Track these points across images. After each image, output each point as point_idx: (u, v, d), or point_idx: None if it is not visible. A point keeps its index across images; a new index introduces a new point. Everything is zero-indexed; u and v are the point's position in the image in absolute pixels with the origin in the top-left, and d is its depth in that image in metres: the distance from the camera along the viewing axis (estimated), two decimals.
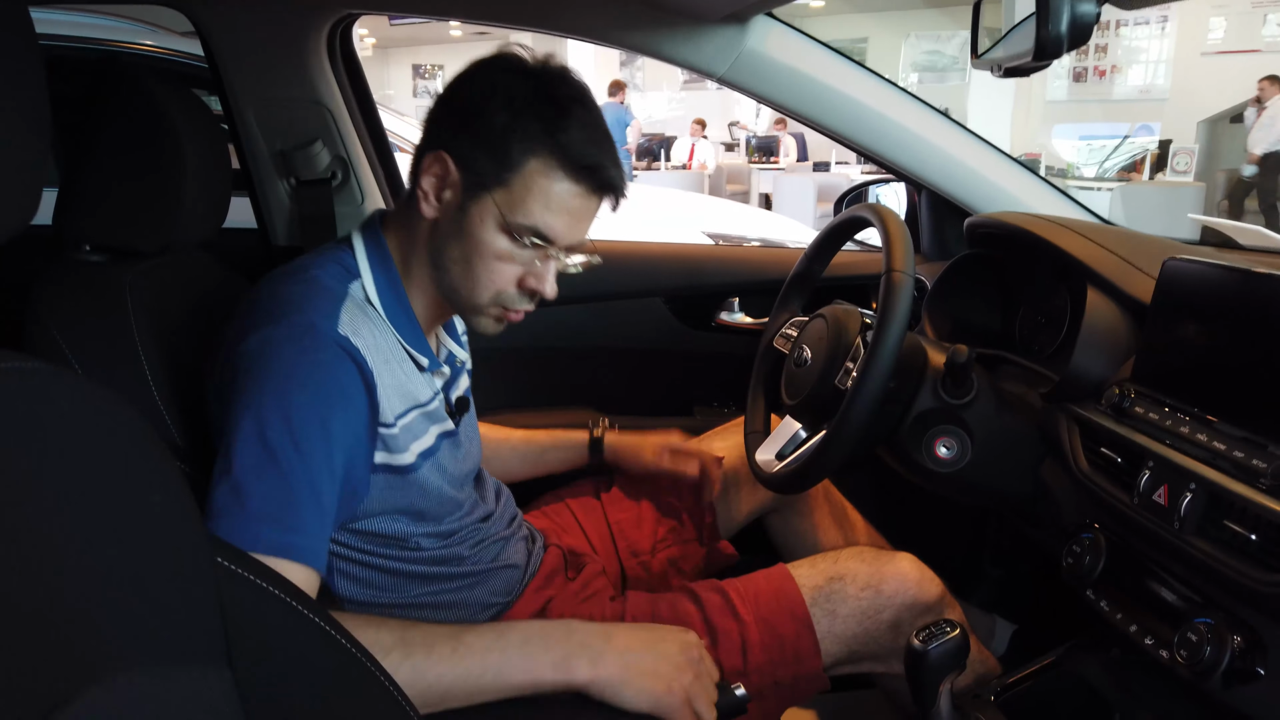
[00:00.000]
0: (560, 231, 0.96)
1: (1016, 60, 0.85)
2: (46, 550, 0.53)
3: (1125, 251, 1.14)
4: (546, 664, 0.88)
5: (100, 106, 1.02)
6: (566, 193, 0.95)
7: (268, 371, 0.88)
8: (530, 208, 0.94)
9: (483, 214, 0.95)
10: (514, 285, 0.99)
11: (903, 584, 1.12)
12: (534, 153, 0.93)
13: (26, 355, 0.55)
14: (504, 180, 0.94)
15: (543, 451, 1.41)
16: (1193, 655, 0.83)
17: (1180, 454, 0.89)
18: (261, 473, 0.84)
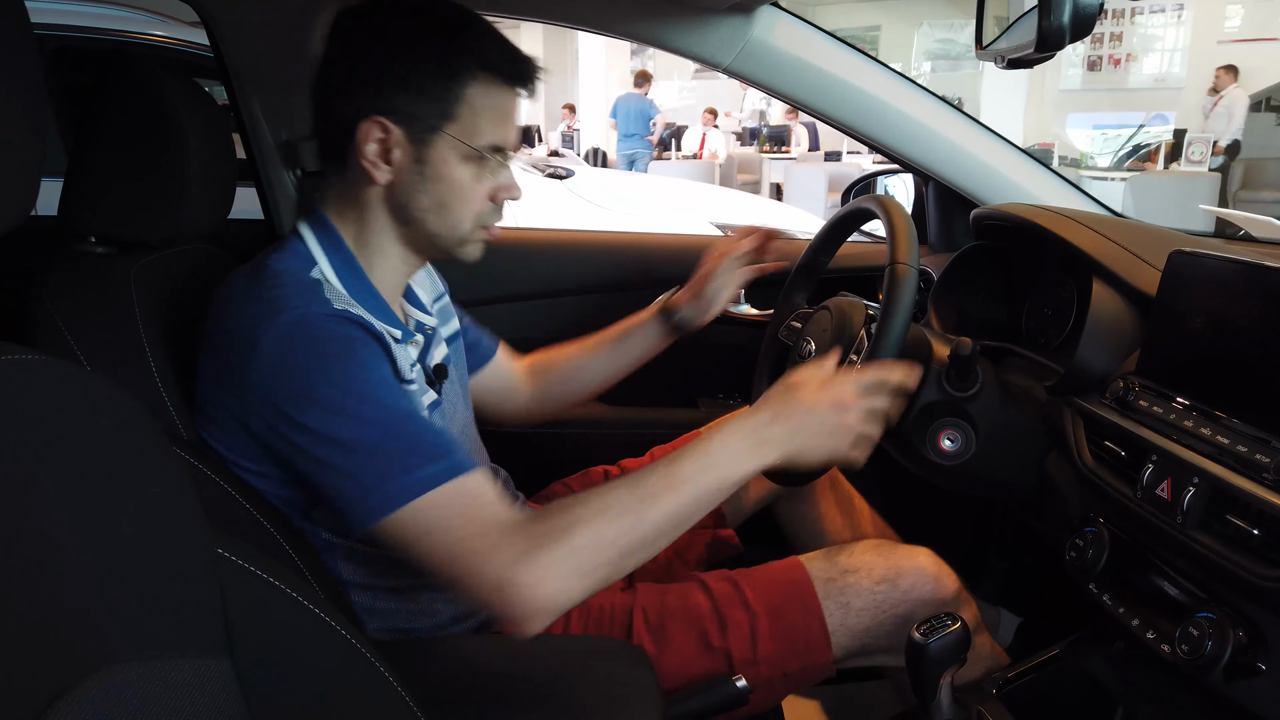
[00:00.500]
0: (508, 137, 1.01)
1: (1020, 52, 0.84)
2: (46, 541, 0.53)
3: (1131, 243, 1.13)
4: (748, 461, 0.94)
5: (105, 98, 1.02)
6: (505, 100, 0.99)
7: (304, 365, 0.88)
8: (483, 127, 0.98)
9: (444, 153, 0.97)
10: (488, 204, 1.02)
11: (919, 579, 1.11)
12: (471, 78, 0.96)
13: (28, 348, 0.55)
14: (452, 114, 0.96)
15: (617, 345, 1.39)
16: (1194, 650, 0.83)
17: (1184, 448, 0.89)
18: (375, 437, 0.87)
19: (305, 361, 0.89)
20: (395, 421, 0.88)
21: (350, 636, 0.70)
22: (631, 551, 0.89)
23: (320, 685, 0.69)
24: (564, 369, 1.39)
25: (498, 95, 0.98)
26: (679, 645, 1.07)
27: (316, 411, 0.87)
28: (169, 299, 1.04)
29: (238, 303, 0.94)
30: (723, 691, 0.96)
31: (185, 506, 0.63)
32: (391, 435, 0.87)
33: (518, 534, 0.86)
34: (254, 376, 0.89)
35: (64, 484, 0.55)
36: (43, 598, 0.52)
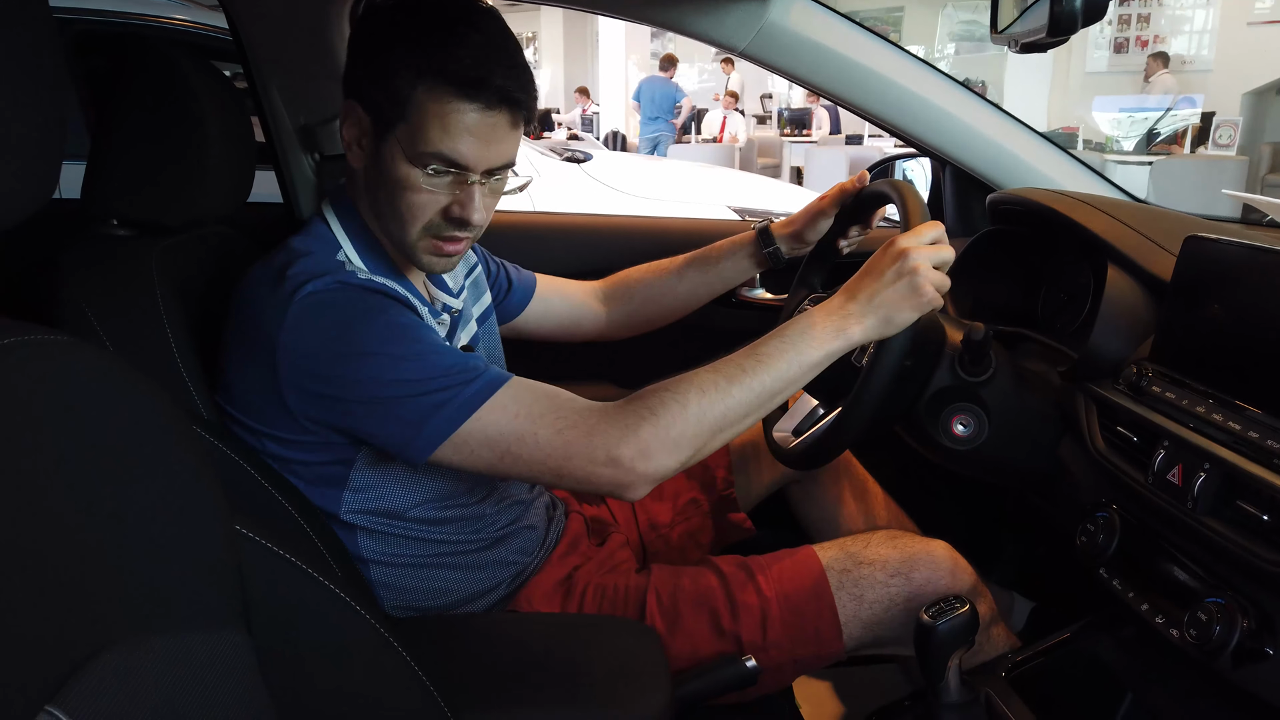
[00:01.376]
0: (469, 155, 0.96)
1: (1033, 36, 0.83)
2: (69, 516, 0.55)
3: (1147, 228, 1.12)
4: (830, 337, 0.98)
5: (125, 82, 1.04)
6: (459, 112, 0.94)
7: (336, 325, 0.92)
8: (430, 135, 0.95)
9: (392, 152, 0.97)
10: (440, 216, 1.00)
11: (934, 572, 1.11)
12: (420, 80, 0.93)
13: (49, 328, 0.57)
14: (402, 114, 0.95)
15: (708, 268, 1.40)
16: (1202, 634, 0.83)
17: (1196, 434, 0.89)
18: (420, 375, 0.90)
19: (339, 321, 0.92)
20: (435, 355, 0.92)
21: (366, 613, 0.71)
22: (720, 427, 0.94)
23: (336, 660, 0.70)
24: (649, 290, 1.41)
25: (450, 105, 0.94)
26: (690, 627, 1.08)
27: (360, 362, 0.91)
28: (190, 281, 1.05)
29: (263, 285, 0.96)
30: (732, 671, 0.97)
31: (205, 484, 0.65)
32: (435, 365, 0.91)
33: (613, 414, 0.92)
34: (285, 353, 0.92)
35: (86, 461, 0.57)
36: (65, 571, 0.53)
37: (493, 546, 1.12)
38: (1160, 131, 7.67)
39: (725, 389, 0.94)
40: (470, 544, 1.10)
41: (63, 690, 0.49)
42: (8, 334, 0.54)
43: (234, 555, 0.66)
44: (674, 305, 1.41)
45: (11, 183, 0.52)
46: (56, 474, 0.55)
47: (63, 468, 0.55)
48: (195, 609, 0.62)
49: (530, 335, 1.42)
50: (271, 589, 0.68)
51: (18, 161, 0.52)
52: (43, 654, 0.51)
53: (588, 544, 1.24)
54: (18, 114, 0.51)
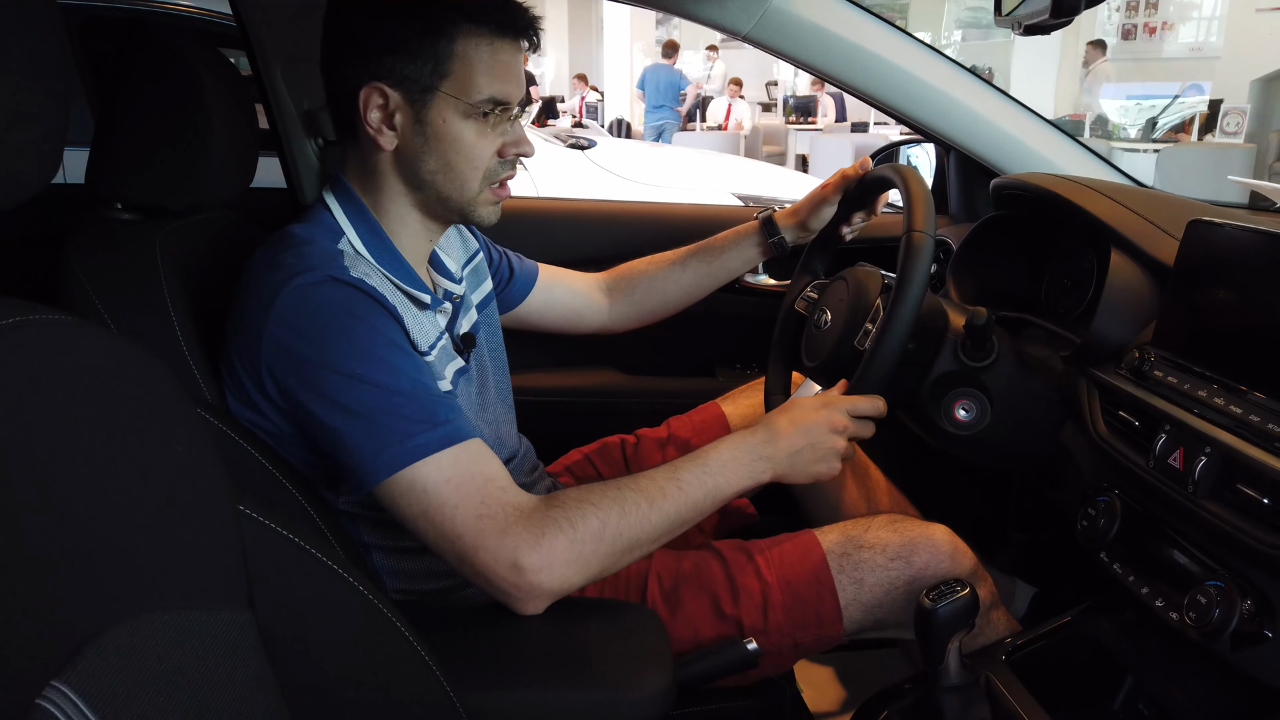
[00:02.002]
0: (510, 90, 1.00)
1: (1036, 18, 0.83)
2: (73, 496, 0.55)
3: (1151, 213, 1.12)
4: (745, 477, 1.02)
5: (129, 68, 1.04)
6: (500, 51, 0.99)
7: (314, 327, 0.91)
8: (479, 82, 0.98)
9: (442, 112, 0.98)
10: (495, 160, 1.03)
11: (934, 556, 1.10)
12: (461, 34, 0.96)
13: (54, 309, 0.57)
14: (445, 71, 0.97)
15: (712, 259, 1.42)
16: (1201, 617, 0.83)
17: (1197, 418, 0.89)
18: (377, 403, 0.89)
19: (317, 324, 0.91)
20: (401, 387, 0.90)
21: (369, 593, 0.72)
22: (630, 549, 0.95)
23: (339, 640, 0.71)
24: (652, 281, 1.42)
25: (489, 46, 0.98)
26: (691, 611, 1.08)
27: (325, 374, 0.90)
28: (194, 265, 1.06)
29: (260, 272, 0.96)
30: (733, 653, 0.97)
31: (208, 465, 0.65)
32: (396, 400, 0.89)
33: (532, 518, 0.90)
34: (268, 341, 0.92)
35: (90, 442, 0.57)
36: (69, 550, 0.54)
37: None
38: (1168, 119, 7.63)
39: (646, 512, 0.95)
40: None
41: (68, 667, 0.50)
42: (11, 313, 0.54)
43: (237, 534, 0.66)
44: (678, 297, 1.42)
45: (15, 162, 0.52)
46: (60, 453, 0.55)
47: (67, 447, 0.56)
48: (199, 587, 0.62)
49: (533, 325, 1.42)
50: (274, 568, 0.68)
51: (21, 140, 0.52)
52: (48, 631, 0.51)
53: None
54: (20, 92, 0.52)
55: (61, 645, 0.51)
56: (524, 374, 1.54)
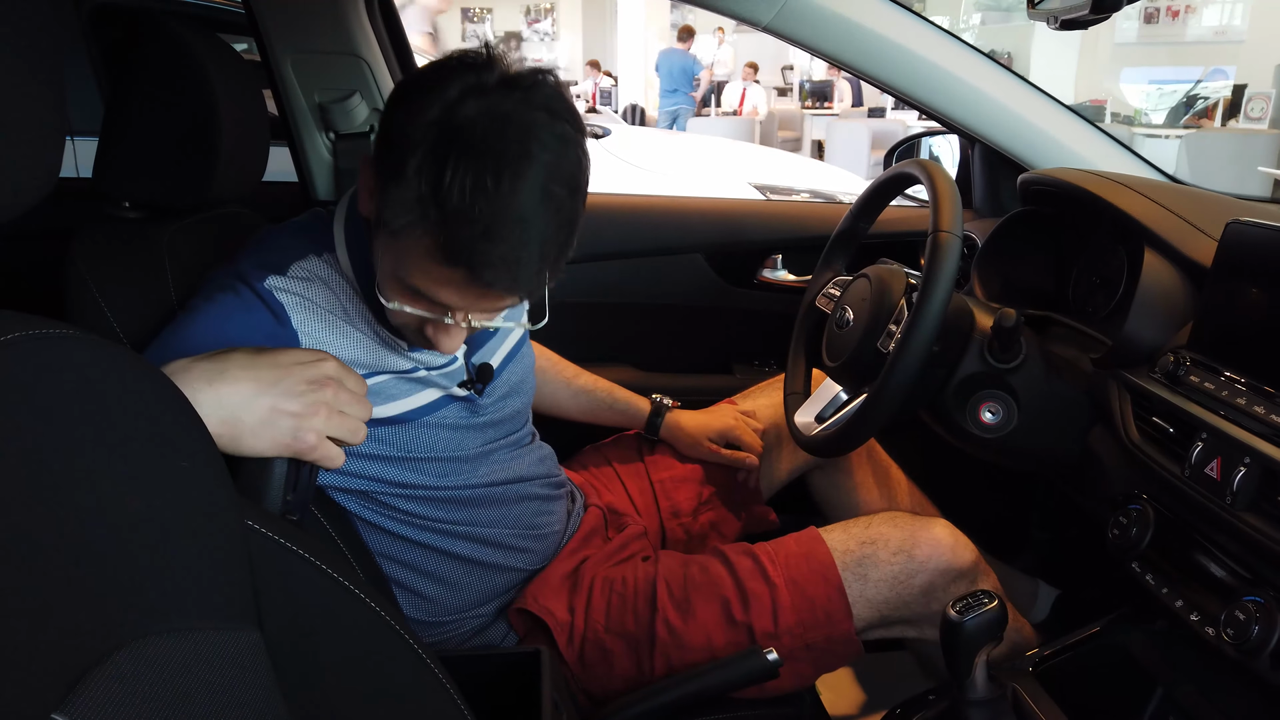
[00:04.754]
0: (453, 303, 0.86)
1: (1073, 12, 0.80)
2: (77, 515, 0.53)
3: (1187, 212, 1.09)
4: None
5: (137, 62, 1.02)
6: (447, 276, 0.82)
7: (190, 305, 0.91)
8: (413, 271, 0.84)
9: (381, 249, 0.87)
10: (415, 326, 0.91)
11: (936, 549, 1.10)
12: (416, 222, 0.81)
13: (53, 321, 0.55)
14: (393, 231, 0.83)
15: (602, 407, 1.41)
16: (1240, 634, 0.81)
17: (1235, 426, 0.86)
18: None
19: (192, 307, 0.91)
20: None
21: (380, 609, 0.70)
22: None
23: (349, 659, 0.69)
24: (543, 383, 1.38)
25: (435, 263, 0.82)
26: (703, 619, 1.07)
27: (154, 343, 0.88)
28: (202, 264, 1.04)
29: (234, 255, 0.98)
30: (753, 664, 0.96)
31: (214, 479, 0.63)
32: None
33: None
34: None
35: (91, 459, 0.55)
36: (71, 572, 0.52)
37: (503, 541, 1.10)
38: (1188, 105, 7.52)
39: None
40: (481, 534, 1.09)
41: (70, 697, 0.48)
42: (10, 328, 0.52)
43: (244, 550, 0.64)
44: (556, 410, 1.38)
45: (10, 175, 0.50)
46: (62, 471, 0.53)
47: (69, 464, 0.54)
48: (206, 607, 0.60)
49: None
50: (282, 585, 0.67)
51: (14, 151, 0.50)
52: (49, 660, 0.49)
53: (602, 537, 1.23)
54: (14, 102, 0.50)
55: (63, 674, 0.49)
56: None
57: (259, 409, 0.74)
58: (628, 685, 1.06)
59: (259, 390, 0.75)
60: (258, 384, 0.75)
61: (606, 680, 1.07)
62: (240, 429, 0.74)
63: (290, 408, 0.75)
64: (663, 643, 1.05)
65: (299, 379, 0.76)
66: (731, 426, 1.37)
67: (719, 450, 1.36)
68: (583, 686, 1.08)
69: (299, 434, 0.75)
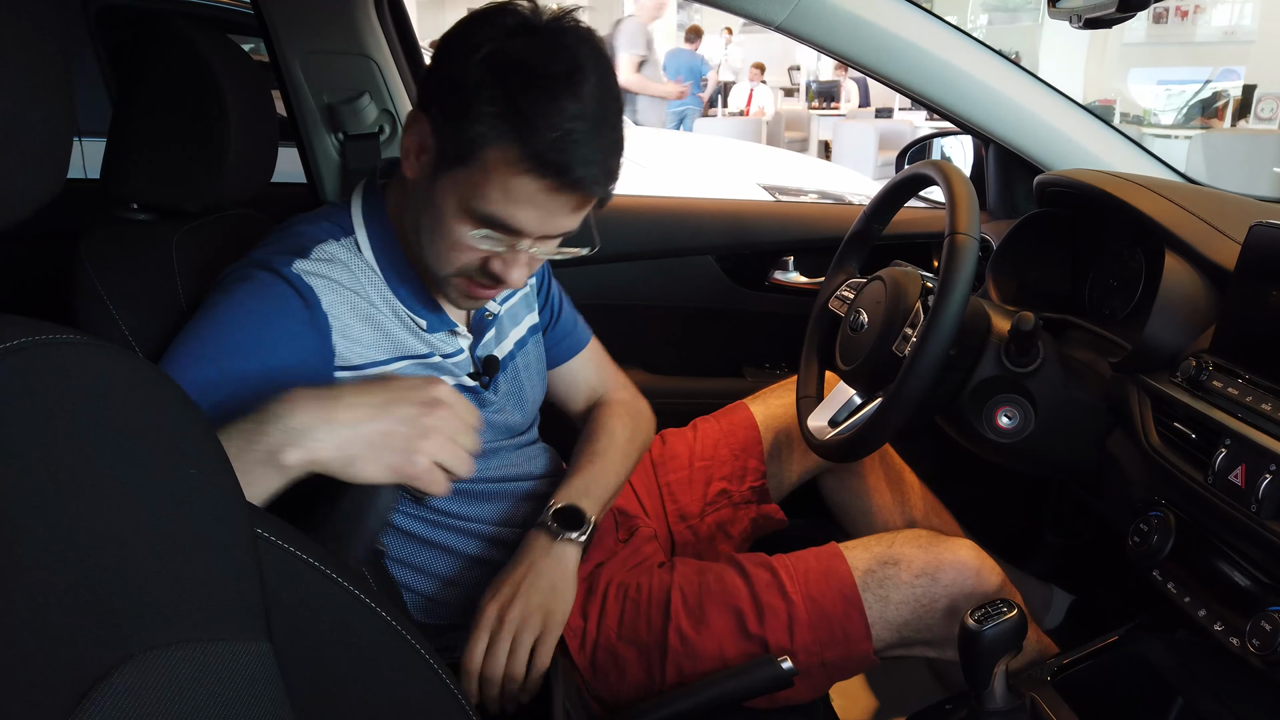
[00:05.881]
0: (526, 222, 0.89)
1: (1098, 11, 0.78)
2: (83, 524, 0.52)
3: (1208, 214, 1.07)
4: (256, 461, 0.75)
5: (145, 64, 1.01)
6: (529, 186, 0.86)
7: (211, 304, 0.90)
8: (490, 195, 0.87)
9: (446, 190, 0.89)
10: (477, 265, 0.94)
11: (961, 573, 1.06)
12: (499, 140, 0.84)
13: (59, 327, 0.54)
14: (466, 161, 0.87)
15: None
16: (1266, 645, 0.79)
17: (1260, 432, 0.84)
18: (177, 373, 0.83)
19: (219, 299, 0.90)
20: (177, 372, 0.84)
21: (391, 619, 0.69)
22: None
23: (361, 671, 0.68)
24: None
25: (520, 176, 0.85)
26: (716, 629, 1.05)
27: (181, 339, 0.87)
28: (210, 266, 1.03)
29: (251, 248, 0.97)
30: (767, 673, 0.94)
31: (223, 486, 0.62)
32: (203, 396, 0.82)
33: None
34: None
35: (101, 466, 0.54)
36: (79, 583, 0.51)
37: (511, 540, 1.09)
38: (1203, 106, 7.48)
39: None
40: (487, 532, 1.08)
41: (76, 713, 0.47)
42: (16, 334, 0.51)
43: (254, 559, 0.63)
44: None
45: (13, 179, 0.49)
46: (69, 479, 0.53)
47: (75, 472, 0.53)
48: (215, 617, 0.59)
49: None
50: (292, 593, 0.66)
51: (18, 156, 0.49)
52: (55, 674, 0.48)
53: (614, 539, 1.21)
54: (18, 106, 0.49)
55: (69, 689, 0.48)
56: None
57: (373, 432, 0.77)
58: (638, 693, 1.05)
59: (374, 414, 0.77)
60: (372, 408, 0.78)
61: (618, 687, 1.06)
62: (355, 454, 0.76)
63: (404, 431, 0.77)
64: (675, 652, 1.04)
65: (413, 402, 0.79)
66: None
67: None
68: (594, 693, 1.07)
69: (411, 456, 0.77)
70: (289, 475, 0.76)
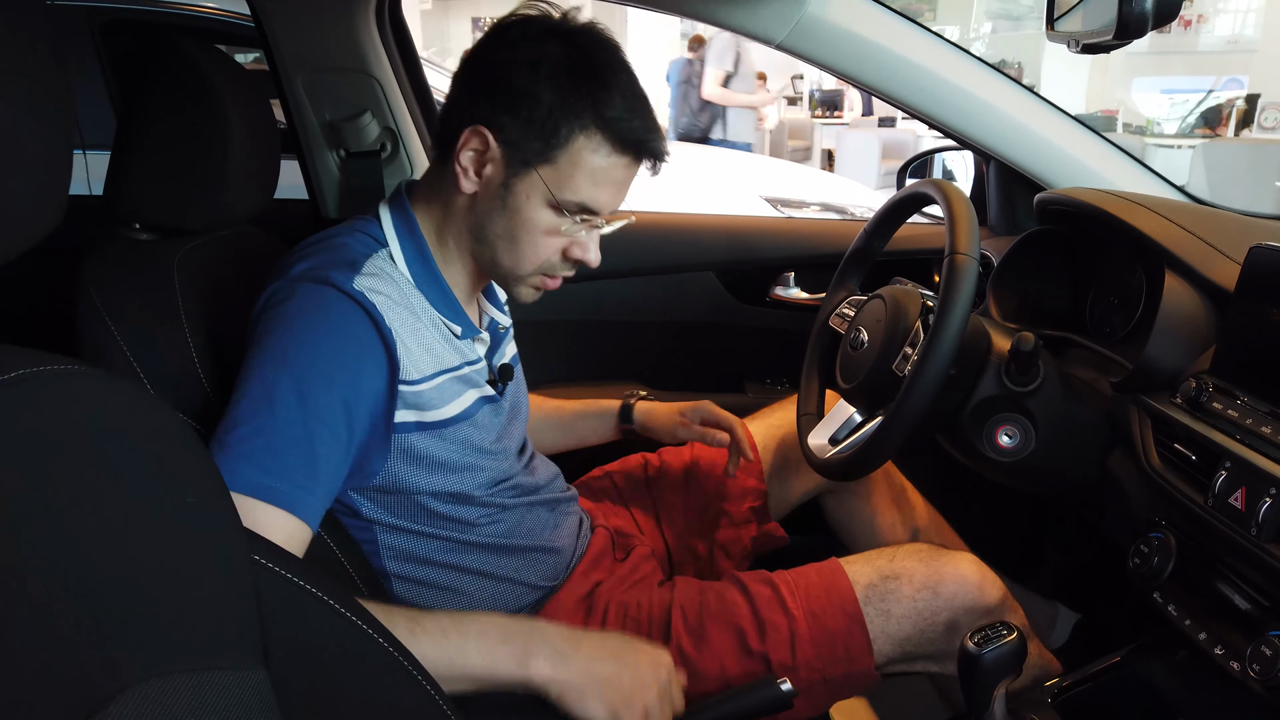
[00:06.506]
0: (605, 202, 0.98)
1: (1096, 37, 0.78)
2: (80, 554, 0.52)
3: (1207, 233, 1.07)
4: (505, 655, 0.87)
5: (147, 82, 1.01)
6: (613, 165, 0.96)
7: (281, 321, 0.89)
8: (577, 183, 0.95)
9: (529, 190, 0.96)
10: (558, 255, 1.01)
11: (962, 586, 1.07)
12: (582, 130, 0.93)
13: (60, 357, 0.54)
14: (550, 158, 0.94)
15: (574, 420, 1.38)
16: (1266, 670, 0.79)
17: (1260, 455, 0.84)
18: (255, 413, 0.85)
19: (289, 322, 0.89)
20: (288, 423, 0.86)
21: (390, 647, 0.69)
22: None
23: (358, 696, 0.68)
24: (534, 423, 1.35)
25: (605, 158, 0.95)
26: (717, 647, 1.05)
27: (259, 366, 0.87)
28: (212, 285, 1.03)
29: (286, 262, 0.96)
30: (767, 694, 0.94)
31: (222, 513, 0.62)
32: (270, 429, 0.85)
33: None
34: (251, 326, 0.93)
35: (99, 496, 0.54)
36: (76, 613, 0.51)
37: (514, 554, 1.09)
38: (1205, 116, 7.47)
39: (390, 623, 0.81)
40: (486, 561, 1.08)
41: None
42: (18, 365, 0.52)
43: (252, 586, 0.63)
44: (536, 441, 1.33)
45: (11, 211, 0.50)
46: (69, 510, 0.53)
47: (76, 503, 0.53)
48: (214, 646, 0.59)
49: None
50: (289, 619, 0.65)
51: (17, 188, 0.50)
52: (53, 704, 0.48)
53: (611, 559, 1.21)
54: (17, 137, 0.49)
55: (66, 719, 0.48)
56: (545, 388, 1.50)
57: (610, 673, 0.88)
58: None
59: (612, 657, 0.90)
60: (616, 655, 0.91)
61: None
62: (589, 687, 0.87)
63: (632, 679, 0.89)
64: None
65: (648, 662, 0.91)
66: (701, 404, 1.33)
67: (689, 425, 1.31)
68: None
69: (633, 703, 0.88)
70: (518, 680, 0.87)
